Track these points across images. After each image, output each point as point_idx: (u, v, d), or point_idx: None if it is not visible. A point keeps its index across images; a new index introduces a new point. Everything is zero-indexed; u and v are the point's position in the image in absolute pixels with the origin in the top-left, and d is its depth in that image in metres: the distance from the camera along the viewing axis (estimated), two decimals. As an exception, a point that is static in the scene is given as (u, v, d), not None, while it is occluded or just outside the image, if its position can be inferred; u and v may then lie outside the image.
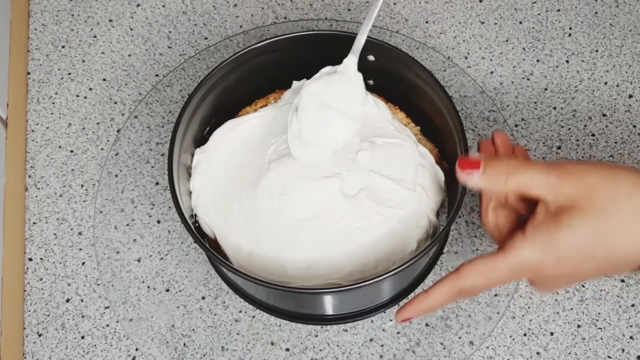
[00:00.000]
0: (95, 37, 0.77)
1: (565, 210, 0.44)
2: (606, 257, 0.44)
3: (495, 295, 0.62)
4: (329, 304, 0.58)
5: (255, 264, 0.55)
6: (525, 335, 0.61)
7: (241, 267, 0.55)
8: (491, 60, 0.74)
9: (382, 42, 0.59)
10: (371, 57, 0.61)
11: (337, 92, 0.56)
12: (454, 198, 0.55)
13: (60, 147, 0.71)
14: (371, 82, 0.63)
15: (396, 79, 0.61)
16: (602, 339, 0.61)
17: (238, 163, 0.59)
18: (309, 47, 0.61)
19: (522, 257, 0.44)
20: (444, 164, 0.60)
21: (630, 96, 0.72)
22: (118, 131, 0.71)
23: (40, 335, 0.62)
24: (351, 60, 0.56)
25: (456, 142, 0.55)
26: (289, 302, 0.59)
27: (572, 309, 0.62)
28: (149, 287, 0.63)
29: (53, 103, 0.73)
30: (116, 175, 0.69)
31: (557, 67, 0.73)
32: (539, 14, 0.77)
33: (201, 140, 0.62)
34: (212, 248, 0.54)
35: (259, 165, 0.57)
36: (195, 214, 0.58)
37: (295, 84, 0.62)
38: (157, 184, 0.68)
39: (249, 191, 0.57)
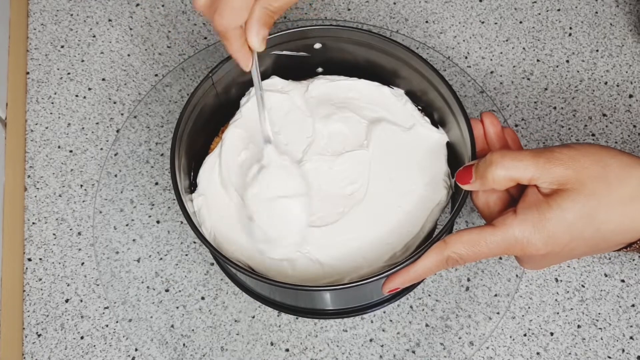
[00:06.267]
0: (94, 36, 0.77)
1: (556, 191, 0.45)
2: (593, 237, 0.45)
3: (495, 295, 0.62)
4: (340, 297, 0.58)
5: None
6: (525, 335, 0.61)
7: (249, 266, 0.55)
8: (491, 60, 0.74)
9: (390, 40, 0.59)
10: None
11: (277, 183, 0.54)
12: (457, 194, 0.55)
13: (59, 147, 0.71)
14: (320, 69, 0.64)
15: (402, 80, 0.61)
16: (602, 339, 0.61)
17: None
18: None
19: (512, 235, 0.46)
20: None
21: (631, 96, 0.71)
22: (117, 131, 0.71)
23: (39, 335, 0.62)
24: (270, 150, 0.54)
25: (463, 152, 0.55)
26: (303, 297, 0.59)
27: (572, 309, 0.62)
28: (148, 287, 0.63)
29: (52, 103, 0.73)
30: (115, 175, 0.68)
31: (557, 66, 0.73)
32: (539, 14, 0.77)
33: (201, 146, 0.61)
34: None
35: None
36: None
37: (243, 100, 0.61)
38: (156, 184, 0.68)
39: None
